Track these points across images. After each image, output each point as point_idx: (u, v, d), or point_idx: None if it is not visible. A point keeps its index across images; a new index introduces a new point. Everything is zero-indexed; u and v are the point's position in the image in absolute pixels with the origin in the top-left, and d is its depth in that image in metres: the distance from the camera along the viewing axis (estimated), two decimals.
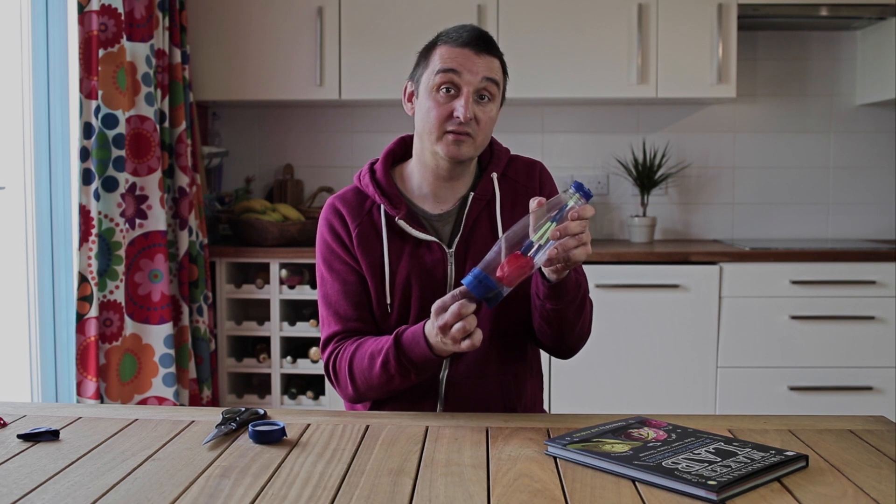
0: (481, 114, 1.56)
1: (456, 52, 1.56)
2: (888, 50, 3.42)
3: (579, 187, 1.34)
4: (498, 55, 1.60)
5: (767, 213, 3.78)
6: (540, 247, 1.33)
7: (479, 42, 1.57)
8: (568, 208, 1.34)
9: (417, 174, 1.66)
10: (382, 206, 1.63)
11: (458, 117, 1.54)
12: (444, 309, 1.39)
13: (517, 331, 1.66)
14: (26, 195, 2.76)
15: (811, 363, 3.21)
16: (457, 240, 1.63)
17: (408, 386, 1.55)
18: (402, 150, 1.71)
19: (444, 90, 1.56)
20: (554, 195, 1.67)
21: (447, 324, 1.38)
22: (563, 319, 1.54)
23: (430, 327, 1.43)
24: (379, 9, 3.40)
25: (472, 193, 1.64)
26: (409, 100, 1.65)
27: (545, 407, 2.22)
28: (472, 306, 1.36)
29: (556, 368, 3.17)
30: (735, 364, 3.22)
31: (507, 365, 1.64)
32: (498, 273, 1.33)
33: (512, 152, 1.74)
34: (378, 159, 1.70)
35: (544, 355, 1.78)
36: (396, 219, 1.61)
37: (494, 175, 1.66)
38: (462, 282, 1.37)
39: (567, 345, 1.63)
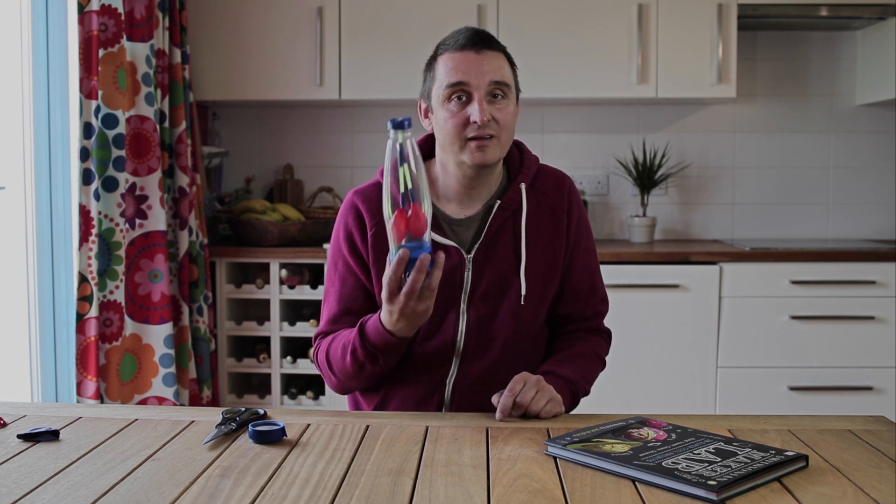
0: (498, 112, 1.55)
1: (457, 57, 1.56)
2: (888, 50, 3.42)
3: (395, 125, 1.32)
4: (500, 49, 1.59)
5: (767, 213, 3.78)
6: (410, 191, 1.32)
7: (478, 41, 1.56)
8: (400, 143, 1.32)
9: (443, 177, 1.65)
10: None
11: (475, 122, 1.53)
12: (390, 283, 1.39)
13: (529, 340, 1.66)
14: (26, 195, 2.76)
15: (811, 363, 3.21)
16: (477, 246, 1.62)
17: (381, 372, 1.57)
18: (428, 148, 1.69)
19: (455, 99, 1.55)
20: (582, 216, 1.68)
21: (391, 293, 1.39)
22: None
23: (384, 313, 1.45)
24: (379, 9, 3.40)
25: (499, 202, 1.63)
26: (426, 116, 1.64)
27: None
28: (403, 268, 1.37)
29: None
30: (735, 364, 3.22)
31: (515, 373, 1.64)
32: (395, 238, 1.34)
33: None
34: None
35: None
36: None
37: (523, 185, 1.65)
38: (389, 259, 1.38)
39: None
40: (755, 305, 3.20)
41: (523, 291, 1.61)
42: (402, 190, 1.32)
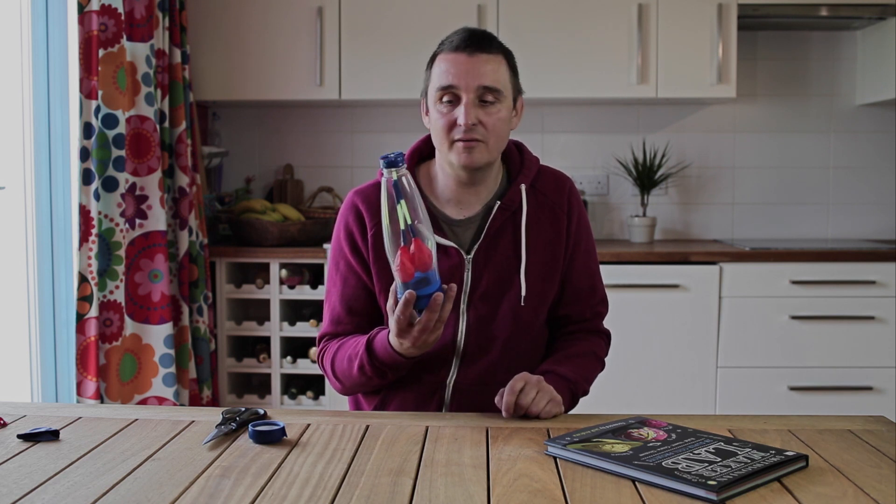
0: (486, 117, 1.55)
1: (451, 57, 1.56)
2: (888, 50, 3.42)
3: (388, 163, 1.33)
4: (498, 51, 1.58)
5: (767, 213, 3.78)
6: (410, 227, 1.33)
7: (471, 42, 1.56)
8: (394, 180, 1.33)
9: (441, 178, 1.65)
10: None
11: (460, 125, 1.54)
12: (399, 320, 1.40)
13: (529, 340, 1.66)
14: (26, 195, 2.76)
15: (811, 363, 3.21)
16: (476, 246, 1.62)
17: (389, 382, 1.57)
18: (428, 149, 1.69)
19: (445, 100, 1.56)
20: (583, 217, 1.68)
21: (402, 330, 1.40)
22: None
23: (393, 339, 1.45)
24: (379, 9, 3.40)
25: (499, 202, 1.63)
26: (427, 114, 1.64)
27: None
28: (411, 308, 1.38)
29: None
30: (735, 364, 3.22)
31: (515, 373, 1.64)
32: (402, 277, 1.35)
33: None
34: None
35: None
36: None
37: (523, 186, 1.65)
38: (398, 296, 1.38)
39: None
40: (755, 305, 3.20)
41: (523, 292, 1.61)
42: (402, 227, 1.33)
